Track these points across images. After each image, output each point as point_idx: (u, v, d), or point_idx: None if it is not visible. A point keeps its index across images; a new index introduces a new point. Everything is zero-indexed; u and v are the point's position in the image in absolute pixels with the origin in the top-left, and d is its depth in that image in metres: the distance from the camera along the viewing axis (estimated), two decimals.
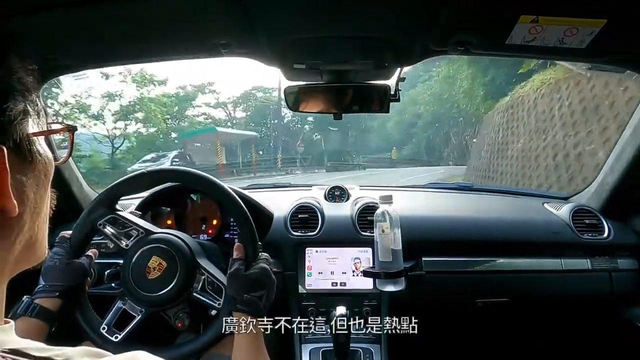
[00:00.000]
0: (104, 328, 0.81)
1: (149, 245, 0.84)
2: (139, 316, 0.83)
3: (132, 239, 0.86)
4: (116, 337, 0.81)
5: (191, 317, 0.86)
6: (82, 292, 0.84)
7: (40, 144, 0.39)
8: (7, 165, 0.33)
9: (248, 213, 0.88)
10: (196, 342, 0.81)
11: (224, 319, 0.80)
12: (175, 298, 0.82)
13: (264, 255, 0.87)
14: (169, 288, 0.81)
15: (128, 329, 0.82)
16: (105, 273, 1.02)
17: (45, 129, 0.40)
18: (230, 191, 0.90)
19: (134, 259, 0.83)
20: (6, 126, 0.34)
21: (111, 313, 0.83)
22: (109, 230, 0.86)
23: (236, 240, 1.21)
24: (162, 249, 0.83)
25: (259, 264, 0.82)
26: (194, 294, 0.84)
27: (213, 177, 0.92)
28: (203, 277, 0.85)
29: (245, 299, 0.76)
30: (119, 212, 0.87)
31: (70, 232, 0.86)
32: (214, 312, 0.85)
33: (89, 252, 0.86)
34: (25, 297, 0.75)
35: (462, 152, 15.08)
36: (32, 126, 0.37)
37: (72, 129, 0.48)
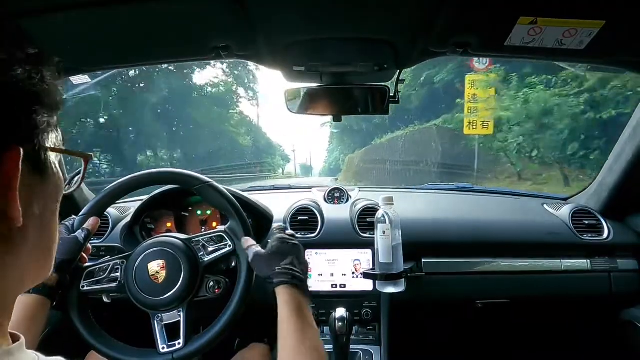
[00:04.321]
0: (163, 347, 0.81)
1: (139, 259, 0.83)
2: (182, 316, 0.82)
3: (118, 277, 0.85)
4: (179, 343, 0.81)
5: (220, 279, 0.86)
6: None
7: (55, 162, 0.38)
8: (21, 168, 0.32)
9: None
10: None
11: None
12: (194, 279, 0.82)
13: (275, 225, 0.87)
14: (182, 277, 0.81)
15: (182, 332, 0.82)
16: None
17: (64, 149, 0.39)
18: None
19: (136, 282, 0.82)
20: (29, 131, 0.33)
21: (158, 335, 0.82)
22: (91, 288, 0.84)
23: None
24: (152, 254, 0.83)
25: (273, 236, 0.82)
26: (206, 260, 0.85)
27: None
28: (200, 244, 0.86)
29: (277, 271, 0.75)
30: (87, 265, 0.86)
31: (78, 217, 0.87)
32: (234, 264, 0.87)
33: (87, 225, 0.84)
34: None
35: None
36: (51, 142, 0.37)
37: (88, 157, 0.47)
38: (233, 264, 0.89)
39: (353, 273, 1.20)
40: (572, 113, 6.74)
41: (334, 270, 1.20)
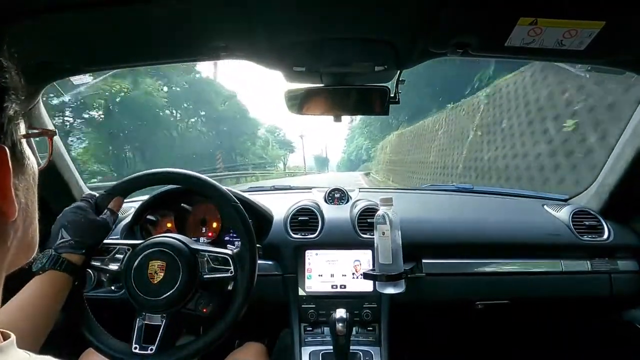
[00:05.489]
0: (135, 347, 0.81)
1: (143, 254, 0.83)
2: (164, 322, 0.82)
3: (121, 260, 0.86)
4: (151, 350, 0.80)
5: (211, 299, 0.86)
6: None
7: (27, 147, 0.38)
8: (10, 165, 0.32)
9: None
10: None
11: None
12: (187, 290, 0.82)
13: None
14: (177, 284, 0.81)
15: (158, 339, 0.81)
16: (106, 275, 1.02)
17: (27, 132, 0.39)
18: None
19: (133, 274, 0.82)
20: (5, 127, 0.33)
21: (135, 334, 0.82)
22: (94, 263, 0.85)
23: (236, 242, 1.21)
24: (156, 252, 0.83)
25: None
26: (205, 277, 0.84)
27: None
28: (205, 258, 0.85)
29: None
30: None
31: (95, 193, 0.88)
32: (231, 287, 0.86)
33: (111, 205, 0.84)
34: (49, 249, 0.75)
35: None
36: (22, 130, 0.37)
37: (52, 134, 0.49)
38: (229, 288, 0.88)
39: (353, 274, 1.20)
40: None
41: (334, 270, 1.20)
